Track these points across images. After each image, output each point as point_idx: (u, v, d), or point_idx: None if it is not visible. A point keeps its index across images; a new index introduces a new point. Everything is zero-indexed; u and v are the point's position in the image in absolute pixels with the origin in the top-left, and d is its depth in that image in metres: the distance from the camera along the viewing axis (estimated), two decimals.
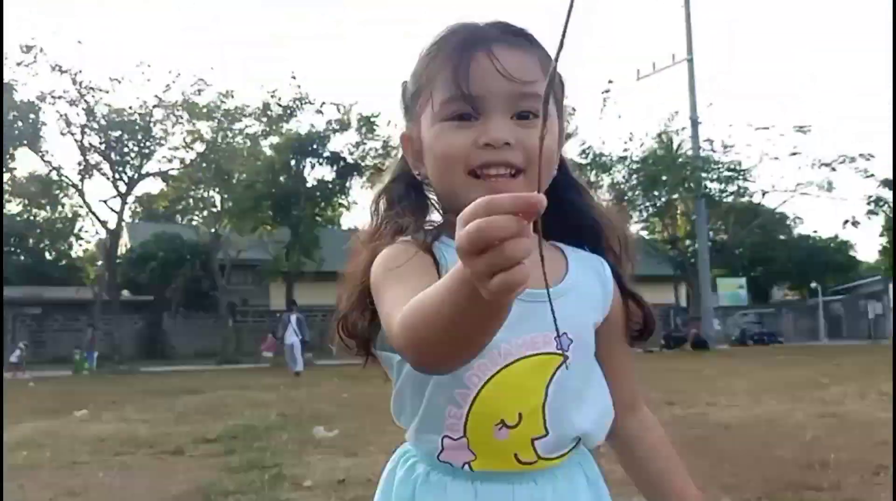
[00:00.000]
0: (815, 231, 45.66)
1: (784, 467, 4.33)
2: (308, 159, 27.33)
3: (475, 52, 1.01)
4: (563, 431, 1.03)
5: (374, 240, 1.05)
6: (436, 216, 1.12)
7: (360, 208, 34.00)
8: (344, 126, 27.30)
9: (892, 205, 28.85)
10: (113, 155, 26.71)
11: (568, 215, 1.11)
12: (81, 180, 27.42)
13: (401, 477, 1.06)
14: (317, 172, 27.87)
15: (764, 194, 31.22)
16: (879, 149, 42.69)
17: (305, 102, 27.30)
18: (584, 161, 26.82)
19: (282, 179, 27.33)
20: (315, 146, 27.03)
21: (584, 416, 1.05)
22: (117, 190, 27.27)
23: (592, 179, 27.18)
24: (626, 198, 28.57)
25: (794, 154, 28.45)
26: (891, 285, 36.99)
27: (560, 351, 1.02)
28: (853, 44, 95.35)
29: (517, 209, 0.60)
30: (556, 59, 0.64)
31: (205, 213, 30.58)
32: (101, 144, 26.65)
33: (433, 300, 0.74)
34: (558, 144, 1.08)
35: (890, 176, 27.71)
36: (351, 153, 27.47)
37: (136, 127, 26.14)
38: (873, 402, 7.41)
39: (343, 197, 28.60)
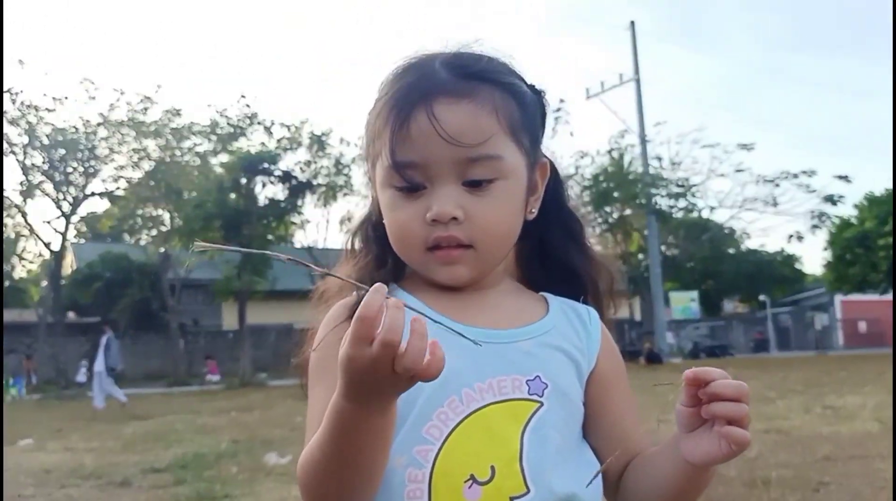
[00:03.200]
0: (762, 245, 46.79)
1: (729, 485, 4.42)
2: (259, 178, 27.07)
3: (414, 111, 0.90)
4: (548, 489, 0.89)
5: (339, 291, 1.01)
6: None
7: (312, 226, 33.76)
8: (295, 144, 27.15)
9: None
10: (56, 175, 26.15)
11: (551, 261, 1.05)
12: (24, 201, 26.77)
13: None
14: (268, 191, 27.64)
15: (712, 209, 32.02)
16: (819, 166, 44.09)
17: (255, 122, 27.13)
18: None
19: (232, 197, 27.01)
20: (266, 165, 26.79)
21: (571, 475, 0.91)
22: (61, 210, 26.68)
23: None
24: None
25: (739, 171, 29.29)
26: (836, 298, 38.10)
27: (533, 397, 0.92)
28: (788, 65, 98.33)
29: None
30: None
31: (153, 232, 30.05)
32: (43, 163, 26.06)
33: (318, 443, 0.82)
34: (525, 200, 0.97)
35: (831, 192, 28.61)
36: (303, 171, 27.29)
37: (80, 146, 25.61)
38: (817, 417, 7.60)
39: (295, 215, 28.37)
